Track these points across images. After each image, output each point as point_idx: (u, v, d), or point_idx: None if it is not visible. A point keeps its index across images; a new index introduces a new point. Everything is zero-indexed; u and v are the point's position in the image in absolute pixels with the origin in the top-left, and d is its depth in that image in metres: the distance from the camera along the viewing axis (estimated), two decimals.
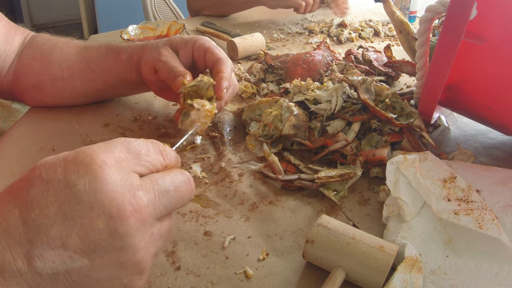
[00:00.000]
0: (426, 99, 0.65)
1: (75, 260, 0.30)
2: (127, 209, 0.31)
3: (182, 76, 0.63)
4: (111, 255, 0.31)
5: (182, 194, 0.37)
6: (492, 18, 0.57)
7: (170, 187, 0.35)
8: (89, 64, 0.76)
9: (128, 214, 0.31)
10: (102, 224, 0.30)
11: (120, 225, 0.30)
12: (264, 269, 0.51)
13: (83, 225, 0.30)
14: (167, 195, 0.35)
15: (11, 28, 0.78)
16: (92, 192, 0.30)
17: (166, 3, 2.25)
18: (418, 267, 0.47)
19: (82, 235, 0.30)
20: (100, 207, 0.30)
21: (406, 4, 1.40)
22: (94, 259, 0.30)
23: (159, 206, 0.34)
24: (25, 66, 0.77)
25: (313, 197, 0.62)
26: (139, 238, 0.32)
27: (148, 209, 0.33)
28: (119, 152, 0.33)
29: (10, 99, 0.87)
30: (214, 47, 0.69)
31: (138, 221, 0.31)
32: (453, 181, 0.55)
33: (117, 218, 0.30)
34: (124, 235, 0.31)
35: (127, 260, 0.32)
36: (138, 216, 0.32)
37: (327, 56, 0.94)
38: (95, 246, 0.30)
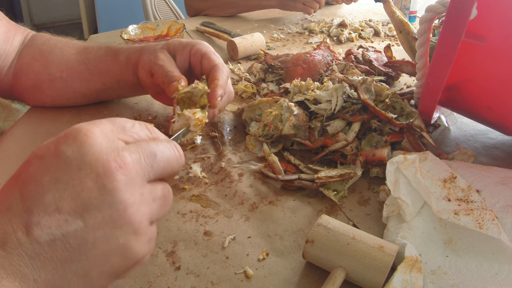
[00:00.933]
0: (426, 99, 0.65)
1: (70, 223, 0.31)
2: (112, 166, 0.32)
3: (177, 81, 0.62)
4: (103, 213, 0.32)
5: (168, 158, 0.37)
6: (492, 18, 0.57)
7: (155, 150, 0.36)
8: (87, 65, 0.76)
9: (114, 170, 0.32)
10: (91, 182, 0.32)
11: (107, 181, 0.32)
12: (264, 269, 0.51)
13: (74, 186, 0.31)
14: (152, 157, 0.35)
15: (11, 28, 0.78)
16: (80, 155, 0.32)
17: (166, 3, 2.25)
18: (418, 267, 0.47)
19: (74, 196, 0.31)
20: (87, 167, 0.32)
21: (406, 4, 1.40)
22: (88, 219, 0.31)
23: (145, 166, 0.35)
24: (25, 65, 0.77)
25: (313, 197, 0.62)
26: (127, 194, 0.32)
27: (134, 167, 0.34)
28: (104, 125, 0.35)
29: (10, 99, 0.87)
30: (211, 53, 0.68)
31: (124, 176, 0.32)
32: (453, 181, 0.55)
33: (103, 175, 0.32)
34: (112, 189, 0.32)
35: (119, 216, 0.32)
36: (124, 171, 0.33)
37: (327, 56, 0.94)
38: (87, 206, 0.31)
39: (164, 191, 0.37)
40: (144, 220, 0.34)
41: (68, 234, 0.31)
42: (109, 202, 0.32)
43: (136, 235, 0.33)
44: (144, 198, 0.34)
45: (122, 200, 0.32)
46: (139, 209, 0.34)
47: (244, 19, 1.44)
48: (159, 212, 0.37)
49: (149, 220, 0.35)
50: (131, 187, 0.33)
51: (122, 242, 0.33)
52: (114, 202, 0.32)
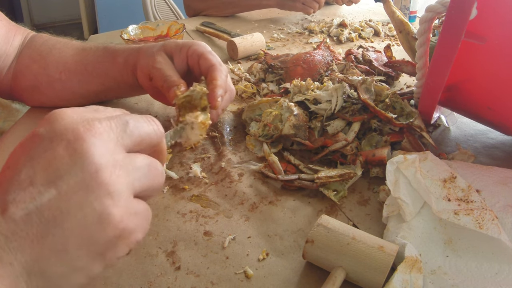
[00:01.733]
0: (426, 99, 0.65)
1: (43, 193, 0.30)
2: (81, 130, 0.32)
3: (176, 87, 0.62)
4: (75, 178, 0.31)
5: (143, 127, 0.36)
6: (492, 18, 0.57)
7: (127, 119, 0.35)
8: (86, 66, 0.76)
9: (83, 134, 0.32)
10: (62, 149, 0.31)
11: (77, 144, 0.31)
12: (264, 269, 0.51)
13: (46, 157, 0.31)
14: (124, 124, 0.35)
15: (11, 28, 0.78)
16: (51, 129, 0.32)
17: (166, 3, 2.25)
18: (418, 267, 0.47)
19: (46, 167, 0.31)
20: (58, 137, 0.32)
21: (406, 4, 1.40)
22: (60, 186, 0.31)
23: (118, 132, 0.34)
24: (24, 66, 0.77)
25: (313, 197, 0.62)
26: (98, 156, 0.32)
27: (105, 131, 0.33)
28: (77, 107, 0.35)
29: (10, 99, 0.87)
30: (208, 53, 0.67)
31: (94, 139, 0.32)
32: (453, 181, 0.55)
33: (73, 140, 0.31)
34: (82, 152, 0.31)
35: (91, 179, 0.31)
36: (94, 134, 0.32)
37: (327, 56, 0.94)
38: (59, 173, 0.31)
39: (147, 160, 0.36)
40: (121, 183, 0.32)
41: (42, 206, 0.30)
42: (80, 165, 0.31)
43: (113, 199, 0.32)
44: (119, 163, 0.33)
45: (93, 161, 0.31)
46: (114, 172, 0.32)
47: (244, 19, 1.44)
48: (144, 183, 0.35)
49: (131, 187, 0.34)
50: (102, 150, 0.32)
51: (98, 207, 0.31)
52: (84, 164, 0.31)
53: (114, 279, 0.49)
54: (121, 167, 0.33)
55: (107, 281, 0.49)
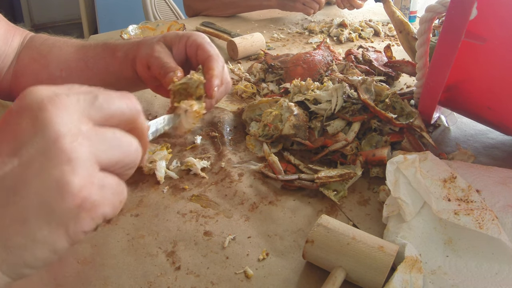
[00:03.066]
0: (426, 99, 0.65)
1: (6, 163, 0.30)
2: (44, 99, 0.32)
3: (173, 72, 0.62)
4: (36, 146, 0.31)
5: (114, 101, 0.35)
6: (492, 18, 0.57)
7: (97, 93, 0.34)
8: (86, 63, 0.76)
9: (47, 102, 0.31)
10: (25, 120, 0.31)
11: (40, 113, 0.31)
12: (264, 269, 0.51)
13: (12, 129, 0.31)
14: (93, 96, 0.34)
15: (10, 29, 0.78)
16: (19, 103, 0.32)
17: (166, 3, 2.25)
18: (418, 267, 0.47)
19: (11, 137, 0.31)
20: (24, 108, 0.32)
21: (406, 4, 1.40)
22: (23, 155, 0.31)
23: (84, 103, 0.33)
24: (24, 66, 0.77)
25: (313, 197, 0.62)
26: (59, 124, 0.31)
27: (71, 104, 0.32)
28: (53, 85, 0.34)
29: (10, 100, 0.87)
30: (206, 43, 0.68)
31: (57, 109, 0.31)
32: (453, 181, 0.55)
33: (37, 109, 0.31)
34: (44, 119, 0.31)
35: (51, 146, 0.31)
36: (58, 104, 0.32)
37: (327, 56, 0.94)
38: (22, 143, 0.31)
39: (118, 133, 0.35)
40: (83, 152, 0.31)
41: (4, 176, 0.30)
42: (41, 133, 0.31)
43: (72, 166, 0.31)
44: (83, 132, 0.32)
45: (54, 129, 0.31)
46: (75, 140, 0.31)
47: (244, 19, 1.44)
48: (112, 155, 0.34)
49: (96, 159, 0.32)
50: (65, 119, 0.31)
51: (56, 174, 0.30)
52: (45, 131, 0.31)
53: (114, 279, 0.49)
54: (85, 136, 0.32)
55: (107, 281, 0.49)
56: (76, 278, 0.50)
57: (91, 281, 0.49)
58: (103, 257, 0.52)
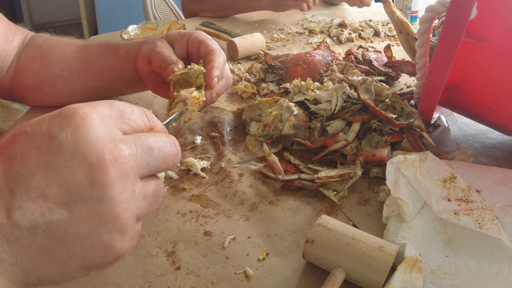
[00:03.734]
0: (426, 99, 0.65)
1: (54, 212, 0.29)
2: (107, 158, 0.30)
3: (174, 64, 0.63)
4: (90, 207, 0.30)
5: (165, 154, 0.35)
6: (492, 18, 0.57)
7: (154, 145, 0.34)
8: (88, 62, 0.76)
9: (108, 163, 0.30)
10: (82, 173, 0.30)
11: (100, 174, 0.30)
12: (264, 269, 0.51)
13: (63, 174, 0.30)
14: (149, 152, 0.34)
15: (10, 28, 0.78)
16: (73, 141, 0.30)
17: (166, 3, 2.25)
18: (418, 267, 0.47)
19: (62, 185, 0.30)
20: (80, 155, 0.30)
21: (408, 4, 1.40)
22: (73, 210, 0.30)
23: (141, 162, 0.33)
24: (25, 65, 0.77)
25: (313, 197, 0.62)
26: (119, 190, 0.31)
27: (130, 162, 0.32)
28: (102, 108, 0.33)
29: (10, 99, 0.87)
30: (208, 40, 0.70)
31: (118, 172, 0.31)
32: (453, 181, 0.55)
33: (97, 167, 0.30)
34: (103, 184, 0.30)
35: (106, 212, 0.30)
36: (119, 166, 0.31)
37: (327, 56, 0.94)
38: (74, 197, 0.30)
39: (156, 188, 0.36)
40: (131, 218, 0.32)
41: (50, 223, 0.30)
42: (98, 196, 0.30)
43: (122, 234, 0.32)
44: (135, 195, 0.32)
45: (112, 196, 0.30)
46: (128, 207, 0.32)
47: (244, 19, 1.44)
48: (148, 210, 0.35)
49: (137, 217, 0.34)
50: (123, 183, 0.31)
51: (106, 239, 0.31)
52: (103, 197, 0.30)
53: (114, 279, 0.49)
54: (135, 200, 0.33)
55: (107, 281, 0.49)
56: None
57: (91, 281, 0.49)
58: None
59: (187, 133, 0.77)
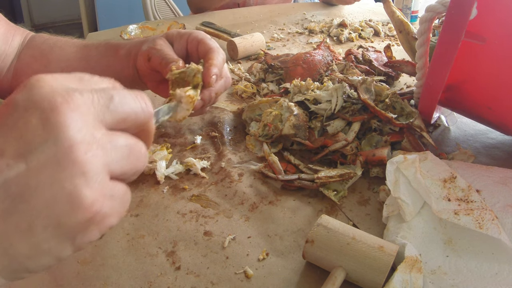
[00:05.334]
0: (426, 99, 0.65)
1: (12, 167, 0.28)
2: (58, 101, 0.29)
3: (174, 62, 0.63)
4: (46, 153, 0.28)
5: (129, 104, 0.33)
6: (492, 18, 0.57)
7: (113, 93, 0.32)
8: (88, 62, 0.76)
9: (59, 105, 0.29)
10: (35, 119, 0.29)
11: (52, 115, 0.29)
12: (264, 269, 0.51)
13: (19, 127, 0.29)
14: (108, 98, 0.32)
15: (10, 29, 0.78)
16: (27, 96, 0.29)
17: (166, 3, 2.25)
18: (418, 267, 0.47)
19: (18, 138, 0.28)
20: (32, 104, 0.29)
21: (408, 4, 1.40)
22: (31, 161, 0.28)
23: (99, 106, 0.31)
24: (25, 65, 0.77)
25: (313, 197, 0.62)
26: (74, 130, 0.29)
27: (85, 105, 0.30)
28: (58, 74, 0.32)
29: None
30: (207, 39, 0.70)
31: (71, 112, 0.29)
32: (453, 181, 0.55)
33: (48, 110, 0.29)
34: (56, 123, 0.29)
35: (64, 155, 0.28)
36: (72, 107, 0.29)
37: (327, 56, 0.94)
38: (30, 146, 0.28)
39: (130, 141, 0.33)
40: (97, 163, 0.30)
41: (10, 180, 0.28)
42: (53, 138, 0.28)
43: (86, 179, 0.29)
44: (97, 140, 0.30)
45: (67, 136, 0.28)
46: (89, 150, 0.29)
47: (244, 19, 1.44)
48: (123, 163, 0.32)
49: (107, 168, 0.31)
50: (79, 124, 0.29)
51: (68, 187, 0.29)
52: (58, 138, 0.28)
53: (114, 279, 0.49)
54: (99, 145, 0.30)
55: (107, 281, 0.49)
56: (76, 278, 0.50)
57: (91, 281, 0.49)
58: (103, 257, 0.52)
59: (187, 133, 0.77)
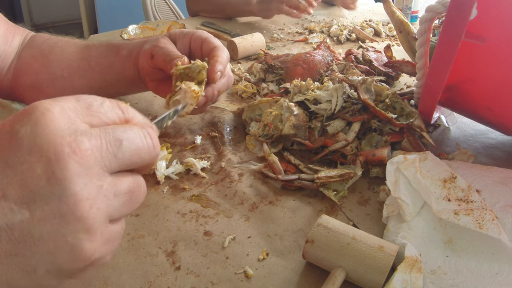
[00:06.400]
0: (426, 99, 0.65)
1: (15, 212, 0.28)
2: (65, 151, 0.28)
3: (179, 58, 0.63)
4: (51, 205, 0.28)
5: (137, 147, 0.32)
6: (492, 18, 0.57)
7: (122, 136, 0.31)
8: (89, 62, 0.76)
9: (66, 156, 0.28)
10: (40, 169, 0.28)
11: (57, 168, 0.28)
12: (264, 269, 0.51)
13: (23, 172, 0.28)
14: (117, 144, 0.31)
15: (10, 28, 0.78)
16: (32, 136, 0.28)
17: (166, 3, 2.25)
18: (418, 267, 0.47)
19: (22, 183, 0.28)
20: (38, 150, 0.28)
21: (408, 4, 1.40)
22: (35, 210, 0.28)
23: (107, 154, 0.30)
24: (25, 65, 0.77)
25: (313, 197, 0.62)
26: (80, 186, 0.29)
27: (92, 155, 0.29)
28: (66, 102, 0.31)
29: (10, 99, 0.87)
30: (211, 37, 0.70)
31: (78, 165, 0.29)
32: (453, 181, 0.55)
33: (54, 161, 0.28)
34: (62, 179, 0.28)
35: (68, 211, 0.28)
36: (78, 160, 0.29)
37: (327, 56, 0.94)
38: (34, 195, 0.28)
39: (132, 185, 0.33)
40: (100, 217, 0.30)
41: (13, 225, 0.28)
42: (58, 193, 0.28)
43: (89, 234, 0.29)
44: (102, 192, 0.30)
45: (72, 192, 0.28)
46: (94, 204, 0.29)
47: (244, 19, 1.45)
48: (123, 209, 0.32)
49: (108, 217, 0.31)
50: (85, 178, 0.29)
51: (71, 241, 0.29)
52: (63, 194, 0.28)
53: (114, 279, 0.49)
54: (103, 197, 0.30)
55: (107, 281, 0.49)
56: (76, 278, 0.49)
57: (91, 281, 0.49)
58: None
59: (187, 133, 0.77)
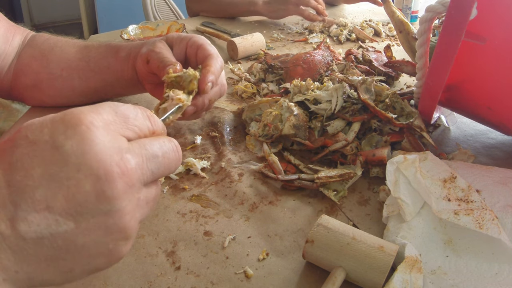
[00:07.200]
0: (426, 99, 0.65)
1: (60, 224, 0.29)
2: (114, 171, 0.30)
3: (172, 65, 0.63)
4: (97, 218, 0.30)
5: (169, 161, 0.36)
6: (492, 18, 0.57)
7: (158, 153, 0.35)
8: (88, 62, 0.76)
9: (116, 176, 0.30)
10: (89, 186, 0.29)
11: (108, 187, 0.30)
12: (264, 269, 0.51)
13: (70, 187, 0.29)
14: (154, 160, 0.34)
15: (10, 28, 0.78)
16: (80, 153, 0.29)
17: (166, 3, 2.25)
18: (418, 267, 0.47)
19: (68, 197, 0.29)
20: (87, 168, 0.29)
21: (408, 4, 1.40)
22: (80, 222, 0.30)
23: (146, 171, 0.33)
24: (24, 65, 0.77)
25: (313, 197, 0.62)
26: (125, 202, 0.31)
27: (136, 173, 0.32)
28: (107, 114, 0.32)
29: (10, 99, 0.87)
30: (207, 44, 0.70)
31: (125, 184, 0.31)
32: (453, 181, 0.55)
33: (104, 180, 0.30)
34: (111, 197, 0.30)
35: (113, 224, 0.31)
36: (126, 179, 0.31)
37: (327, 56, 0.94)
38: (81, 209, 0.30)
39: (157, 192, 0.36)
40: (136, 225, 0.33)
41: (57, 235, 0.29)
42: (105, 209, 0.30)
43: (127, 240, 0.33)
44: (139, 203, 0.33)
45: (119, 208, 0.31)
46: (134, 216, 0.33)
47: (244, 19, 1.45)
48: (148, 213, 0.36)
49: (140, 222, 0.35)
50: (130, 195, 0.32)
51: (111, 247, 0.32)
52: (111, 210, 0.30)
53: (114, 279, 0.49)
54: (139, 208, 0.33)
55: (107, 281, 0.49)
56: None
57: (91, 281, 0.49)
58: None
59: (187, 133, 0.77)
